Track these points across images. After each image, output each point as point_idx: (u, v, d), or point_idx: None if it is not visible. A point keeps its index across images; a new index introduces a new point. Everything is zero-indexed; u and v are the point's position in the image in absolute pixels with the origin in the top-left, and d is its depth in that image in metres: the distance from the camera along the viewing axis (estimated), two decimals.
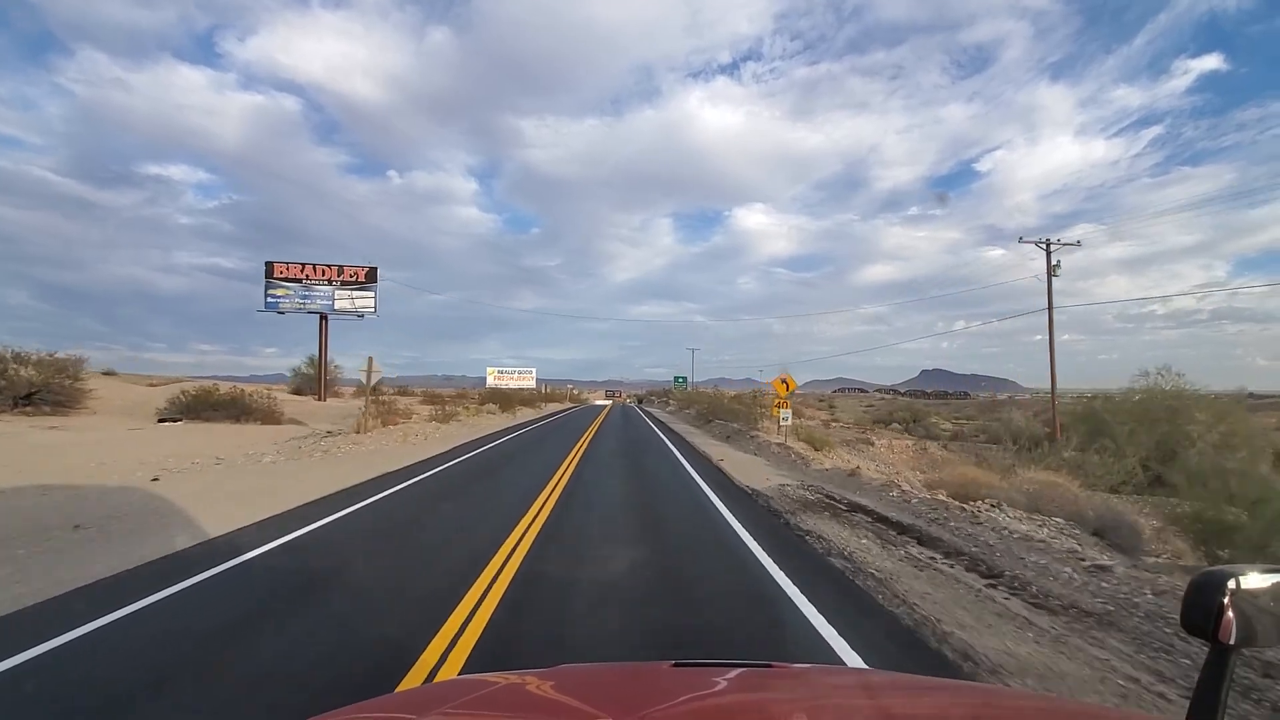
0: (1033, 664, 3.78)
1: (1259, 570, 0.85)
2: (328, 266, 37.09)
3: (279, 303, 36.35)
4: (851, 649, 3.95)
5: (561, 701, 1.34)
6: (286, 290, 36.29)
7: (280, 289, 36.17)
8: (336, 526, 7.38)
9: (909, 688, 1.56)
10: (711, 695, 1.34)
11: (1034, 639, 4.19)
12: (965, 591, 5.20)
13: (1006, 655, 3.88)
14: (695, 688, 1.38)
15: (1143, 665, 3.78)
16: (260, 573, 5.48)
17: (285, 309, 36.41)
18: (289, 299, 36.40)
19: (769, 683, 1.49)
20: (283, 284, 36.18)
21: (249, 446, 15.06)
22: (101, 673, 3.50)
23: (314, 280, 36.67)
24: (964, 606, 4.81)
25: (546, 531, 7.10)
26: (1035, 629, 4.37)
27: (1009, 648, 4.01)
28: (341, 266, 37.33)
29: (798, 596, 4.98)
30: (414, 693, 1.92)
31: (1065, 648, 4.03)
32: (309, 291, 36.58)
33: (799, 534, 7.39)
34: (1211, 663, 0.84)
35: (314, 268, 36.84)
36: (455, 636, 3.98)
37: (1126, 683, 3.55)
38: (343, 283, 37.01)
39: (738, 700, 1.36)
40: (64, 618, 4.22)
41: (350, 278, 37.19)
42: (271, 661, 3.63)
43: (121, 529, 6.80)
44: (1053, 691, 3.41)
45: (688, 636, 4.20)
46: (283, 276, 36.28)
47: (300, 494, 9.18)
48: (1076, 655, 3.92)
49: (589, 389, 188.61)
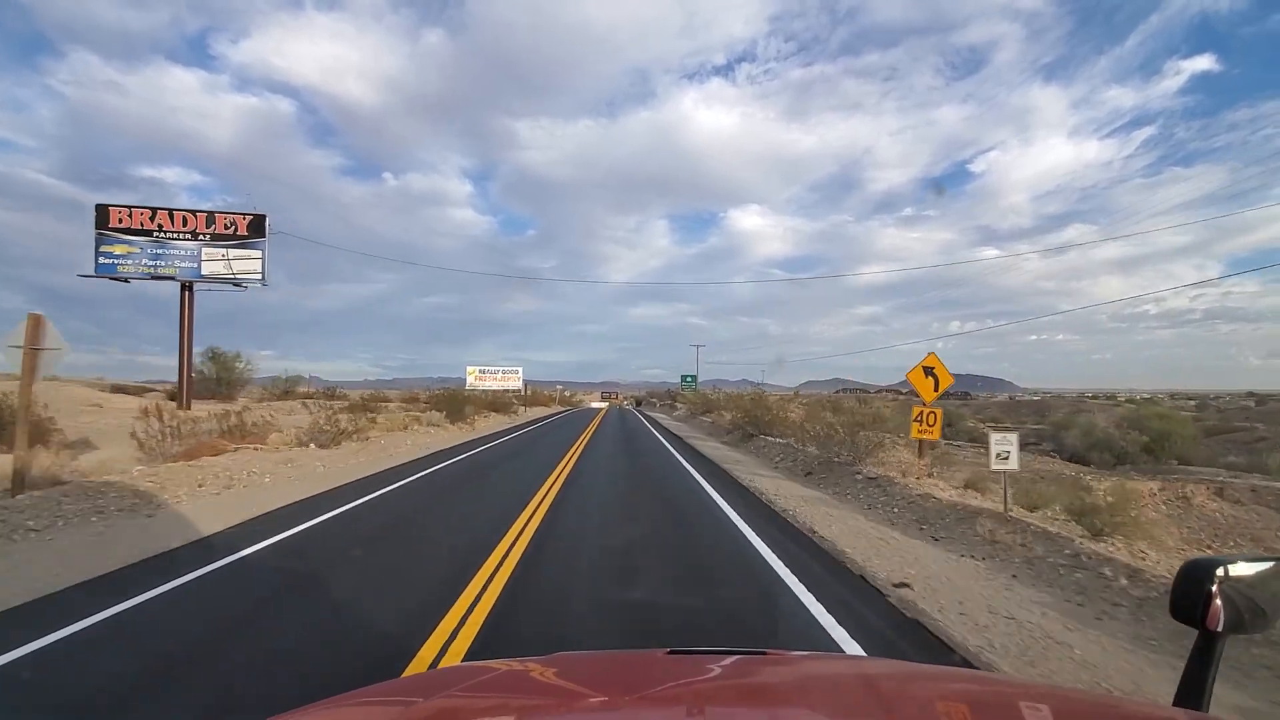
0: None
1: (1246, 559, 0.90)
2: (190, 214, 25.81)
3: (117, 264, 25.07)
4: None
5: (560, 685, 1.35)
6: (129, 248, 25.18)
7: (120, 245, 25.03)
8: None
9: (904, 675, 1.54)
10: (706, 680, 1.36)
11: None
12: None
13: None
14: (690, 674, 1.38)
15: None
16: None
17: (127, 272, 25.25)
18: (133, 260, 25.27)
19: (763, 669, 1.47)
20: (124, 238, 25.07)
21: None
22: None
23: (171, 233, 25.55)
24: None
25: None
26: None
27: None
28: (212, 214, 26.08)
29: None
30: (417, 678, 1.90)
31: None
32: (162, 249, 25.47)
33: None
34: (1199, 649, 0.89)
35: (170, 215, 25.48)
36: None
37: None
38: (214, 236, 25.88)
39: (731, 685, 1.37)
40: None
41: (226, 229, 26.09)
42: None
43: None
44: None
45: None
46: (122, 227, 25.09)
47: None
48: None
49: (585, 390, 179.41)
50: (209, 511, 7.95)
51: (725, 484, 11.51)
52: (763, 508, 9.34)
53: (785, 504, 9.38)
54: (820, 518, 8.38)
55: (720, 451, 18.64)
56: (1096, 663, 4.02)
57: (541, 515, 8.09)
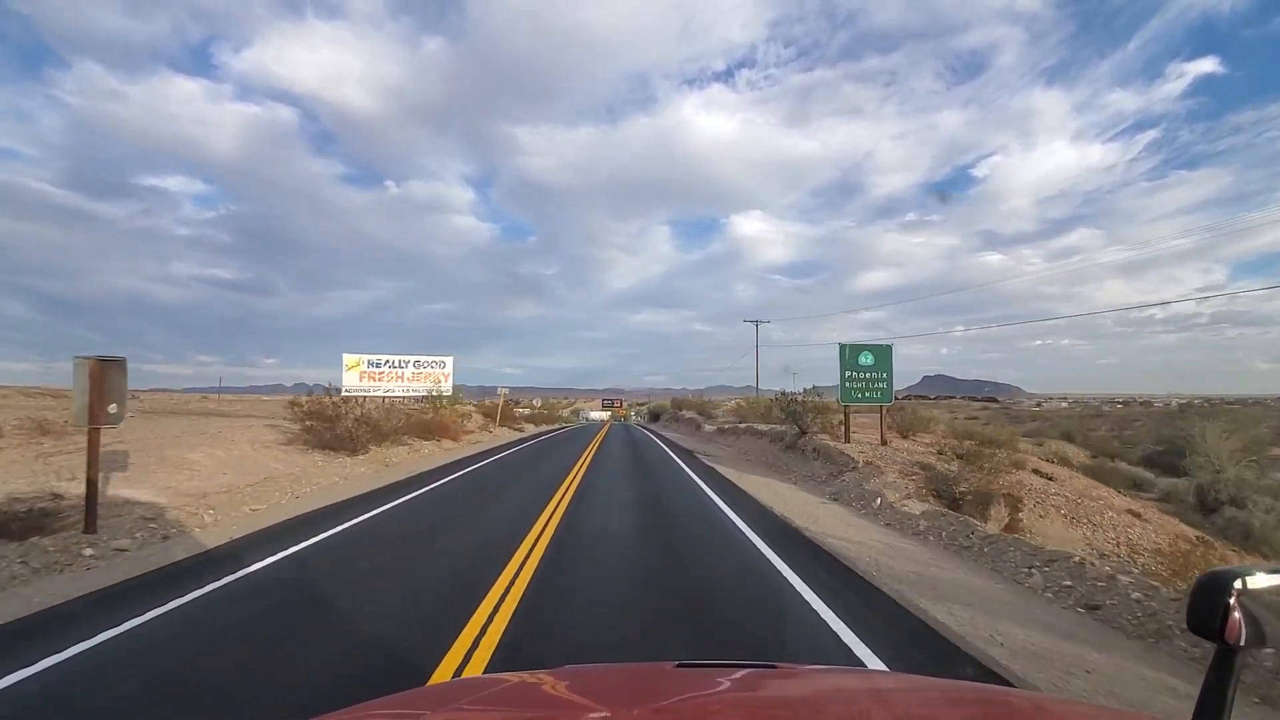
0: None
1: (1265, 570, 0.86)
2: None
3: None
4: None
5: (568, 699, 1.34)
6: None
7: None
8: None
9: (915, 689, 1.54)
10: (715, 694, 1.32)
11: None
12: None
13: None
14: (699, 687, 1.35)
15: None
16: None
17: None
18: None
19: (773, 683, 1.45)
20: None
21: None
22: None
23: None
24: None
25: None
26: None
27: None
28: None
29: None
30: (422, 692, 1.72)
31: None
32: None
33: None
34: (1218, 663, 0.84)
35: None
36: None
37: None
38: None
39: (741, 698, 1.33)
40: None
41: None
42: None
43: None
44: None
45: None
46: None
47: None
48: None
49: (585, 398, 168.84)
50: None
51: None
52: None
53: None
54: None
55: None
56: None
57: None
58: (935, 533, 8.44)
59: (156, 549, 6.91)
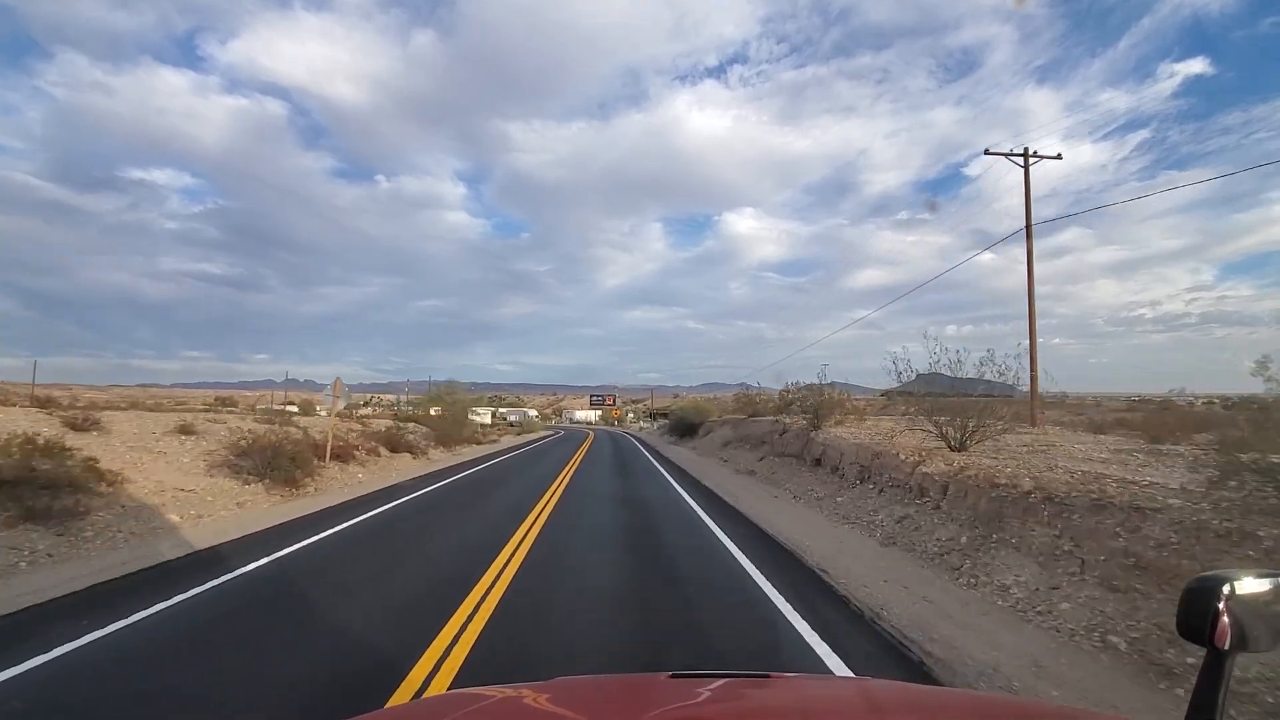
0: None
1: (1254, 575, 0.87)
2: None
3: None
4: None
5: (557, 712, 1.31)
6: None
7: None
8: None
9: (907, 697, 1.54)
10: (707, 704, 1.32)
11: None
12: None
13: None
14: (691, 697, 1.34)
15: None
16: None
17: None
18: None
19: (765, 692, 1.46)
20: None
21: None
22: None
23: None
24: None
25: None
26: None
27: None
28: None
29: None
30: (407, 708, 1.81)
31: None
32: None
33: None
34: (1208, 667, 0.85)
35: None
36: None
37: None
38: None
39: (733, 708, 1.34)
40: None
41: None
42: None
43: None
44: None
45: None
46: None
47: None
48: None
49: (574, 395, 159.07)
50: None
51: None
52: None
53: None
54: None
55: None
56: None
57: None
58: None
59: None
